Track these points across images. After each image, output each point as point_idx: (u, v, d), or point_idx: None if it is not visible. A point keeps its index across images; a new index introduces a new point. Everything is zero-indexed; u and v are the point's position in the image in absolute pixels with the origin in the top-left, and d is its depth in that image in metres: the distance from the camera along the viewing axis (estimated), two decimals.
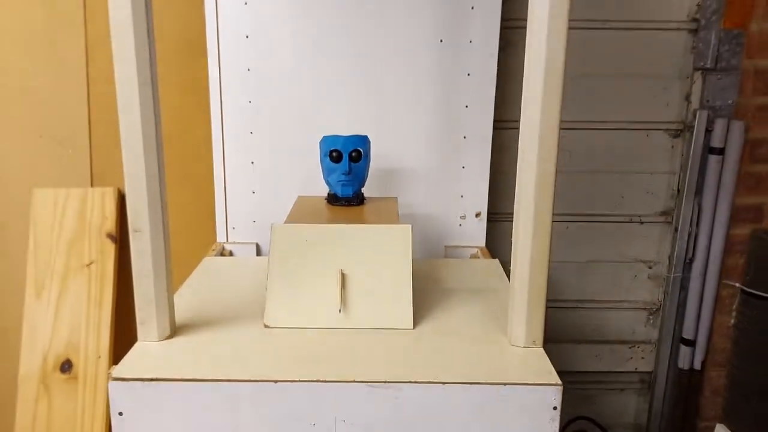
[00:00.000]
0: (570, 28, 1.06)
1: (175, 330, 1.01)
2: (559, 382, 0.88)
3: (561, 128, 0.91)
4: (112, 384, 0.88)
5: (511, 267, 0.97)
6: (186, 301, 1.12)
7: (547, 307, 1.69)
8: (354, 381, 0.88)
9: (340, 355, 0.95)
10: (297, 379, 0.88)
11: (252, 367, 0.91)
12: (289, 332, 1.01)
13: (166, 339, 0.98)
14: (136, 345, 0.97)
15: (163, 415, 0.88)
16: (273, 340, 0.99)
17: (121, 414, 0.88)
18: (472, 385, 0.88)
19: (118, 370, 0.89)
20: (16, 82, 1.50)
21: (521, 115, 0.91)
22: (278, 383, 0.88)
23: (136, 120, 0.92)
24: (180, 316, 1.05)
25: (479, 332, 1.03)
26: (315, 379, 0.87)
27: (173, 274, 0.99)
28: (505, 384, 0.88)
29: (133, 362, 0.92)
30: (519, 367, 0.92)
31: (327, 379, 0.88)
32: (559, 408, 0.89)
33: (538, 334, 0.97)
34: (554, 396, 0.88)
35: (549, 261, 0.95)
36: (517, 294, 0.96)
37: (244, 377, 0.88)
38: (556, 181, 0.92)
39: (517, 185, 0.93)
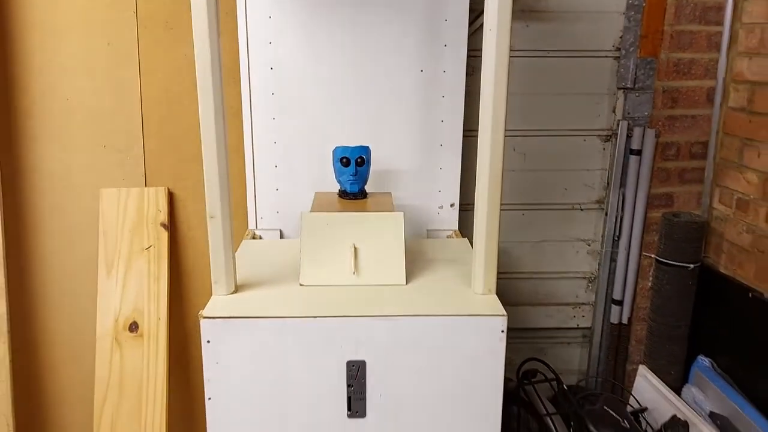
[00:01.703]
0: (523, 56, 1.40)
1: (237, 288, 1.41)
2: (505, 313, 1.30)
3: (517, 135, 1.29)
4: (203, 321, 1.28)
5: (473, 239, 1.39)
6: (240, 269, 1.52)
7: (508, 278, 2.15)
8: (367, 315, 1.29)
9: (356, 300, 1.36)
10: (328, 315, 1.29)
11: (296, 308, 1.32)
12: (318, 288, 1.42)
13: (231, 294, 1.38)
14: (213, 298, 1.36)
15: (235, 340, 1.28)
16: (307, 293, 1.40)
17: (209, 341, 1.29)
18: (447, 317, 1.30)
19: (206, 312, 1.29)
20: (84, 103, 1.83)
21: (479, 126, 1.31)
22: (316, 318, 1.29)
23: (212, 139, 1.30)
24: (238, 279, 1.45)
25: (452, 285, 1.44)
26: (341, 315, 1.29)
27: None
28: (469, 315, 1.30)
29: (213, 308, 1.32)
30: (478, 305, 1.34)
31: (349, 315, 1.29)
32: (505, 332, 1.30)
33: (492, 286, 1.39)
34: (502, 323, 1.30)
35: (499, 235, 1.37)
36: (477, 258, 1.38)
37: (291, 314, 1.30)
38: (503, 175, 1.33)
39: (477, 180, 1.34)
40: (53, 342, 1.90)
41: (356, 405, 1.32)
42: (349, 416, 1.32)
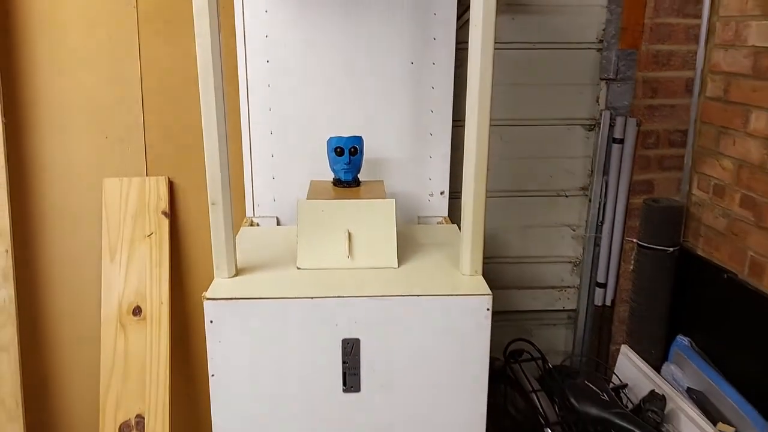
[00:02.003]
0: (509, 49, 1.45)
1: (237, 271, 1.49)
2: (490, 293, 1.38)
3: (504, 125, 1.35)
4: (206, 302, 1.36)
5: (461, 224, 1.47)
6: (239, 254, 1.59)
7: (496, 262, 2.24)
8: (361, 296, 1.37)
9: (350, 282, 1.44)
10: (324, 296, 1.37)
11: (293, 290, 1.40)
12: (314, 271, 1.50)
13: (232, 277, 1.46)
14: (214, 281, 1.44)
15: (237, 320, 1.36)
16: (304, 275, 1.48)
17: (211, 321, 1.37)
18: (436, 297, 1.38)
19: (209, 294, 1.37)
20: (86, 95, 1.89)
21: (466, 116, 1.39)
22: (313, 299, 1.37)
23: (213, 128, 1.37)
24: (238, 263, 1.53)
25: (441, 268, 1.53)
26: (336, 295, 1.37)
27: None
28: (457, 295, 1.39)
29: (215, 290, 1.40)
30: (466, 285, 1.43)
31: (344, 295, 1.37)
32: (491, 310, 1.39)
33: (479, 267, 1.47)
34: (487, 302, 1.38)
35: (486, 221, 1.45)
36: (464, 242, 1.47)
37: (289, 296, 1.38)
38: (491, 163, 1.41)
39: (464, 167, 1.42)
40: (59, 325, 1.98)
41: (351, 380, 1.40)
42: (344, 391, 1.41)
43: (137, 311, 1.88)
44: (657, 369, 2.10)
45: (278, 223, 1.93)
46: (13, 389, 1.85)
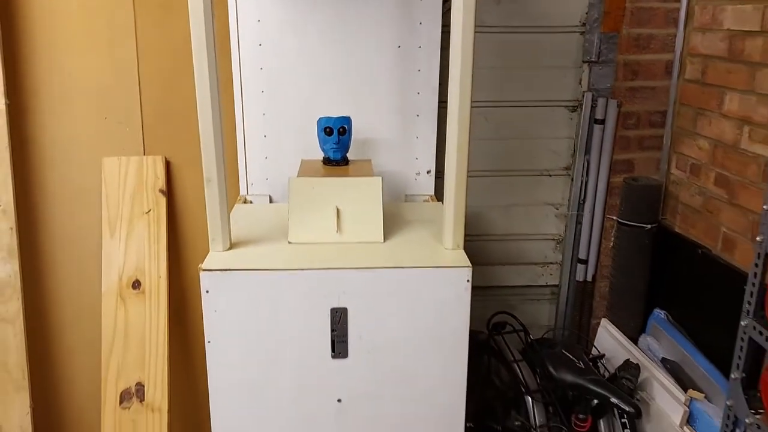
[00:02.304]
0: (495, 32, 1.50)
1: (232, 245, 1.57)
2: (470, 265, 1.47)
3: (489, 106, 1.40)
4: (202, 273, 1.44)
5: (444, 201, 1.55)
6: (233, 229, 1.67)
7: (482, 240, 2.32)
8: (348, 268, 1.46)
9: (339, 255, 1.52)
10: (314, 267, 1.45)
11: (285, 262, 1.48)
12: (304, 245, 1.58)
13: (227, 250, 1.54)
14: (210, 253, 1.52)
15: (231, 290, 1.45)
16: (295, 249, 1.56)
17: (207, 291, 1.45)
18: (420, 268, 1.47)
19: (205, 265, 1.45)
20: (86, 78, 1.95)
21: (448, 97, 1.46)
22: (303, 270, 1.45)
23: (208, 109, 1.44)
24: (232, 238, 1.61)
25: (425, 242, 1.61)
26: (325, 267, 1.45)
27: None
28: (439, 267, 1.47)
29: (211, 262, 1.48)
30: (448, 258, 1.51)
31: (332, 267, 1.46)
32: (470, 281, 1.47)
33: (460, 242, 1.55)
34: (467, 273, 1.47)
35: (467, 197, 1.53)
36: (446, 217, 1.55)
37: (281, 267, 1.46)
38: (476, 144, 1.48)
39: (447, 146, 1.50)
40: (62, 299, 2.06)
41: (339, 347, 1.49)
42: (333, 357, 1.50)
43: (136, 285, 1.97)
44: (635, 341, 2.19)
45: (271, 201, 2.00)
46: (18, 360, 1.93)
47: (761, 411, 1.30)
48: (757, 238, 1.27)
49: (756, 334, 1.29)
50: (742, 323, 1.33)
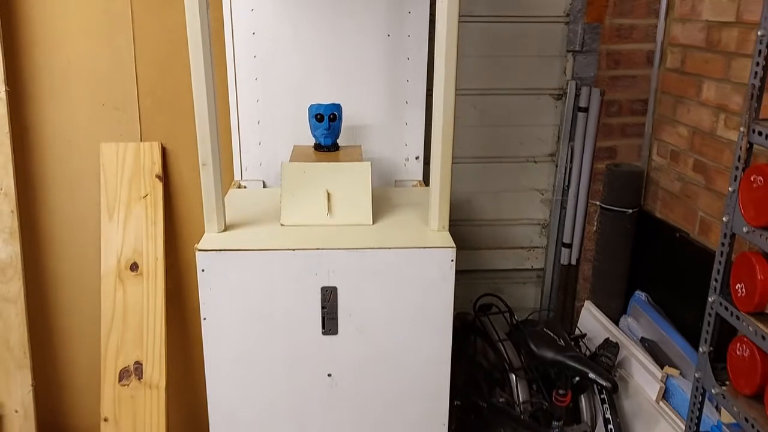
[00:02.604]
0: (482, 21, 1.53)
1: (226, 227, 1.63)
2: (454, 246, 1.54)
3: (476, 94, 1.44)
4: (198, 253, 1.50)
5: (430, 185, 1.62)
6: (228, 212, 1.74)
7: (469, 225, 2.39)
8: (338, 248, 1.53)
9: (329, 237, 1.59)
10: (305, 248, 1.52)
11: (277, 243, 1.55)
12: (296, 228, 1.65)
13: (221, 231, 1.61)
14: (205, 234, 1.59)
15: (226, 269, 1.51)
16: (287, 231, 1.63)
17: (203, 270, 1.52)
18: (406, 249, 1.53)
19: (201, 245, 1.52)
20: (84, 65, 1.99)
21: (434, 84, 1.52)
22: (295, 251, 1.52)
23: (203, 95, 1.50)
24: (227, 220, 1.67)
25: (412, 224, 1.68)
26: (316, 248, 1.52)
27: None
28: (425, 247, 1.54)
29: (206, 242, 1.54)
30: (433, 239, 1.58)
31: (323, 248, 1.52)
32: (454, 261, 1.54)
33: (445, 223, 1.62)
34: (451, 253, 1.53)
35: (454, 183, 1.60)
36: (432, 201, 1.61)
37: (274, 248, 1.53)
38: (464, 131, 1.54)
39: (432, 132, 1.56)
40: (62, 280, 2.12)
41: (329, 324, 1.56)
42: (323, 333, 1.57)
43: (134, 267, 2.03)
44: (616, 322, 2.28)
45: (264, 186, 2.07)
46: (20, 339, 2.00)
47: (727, 383, 1.38)
48: (723, 218, 1.34)
49: (722, 310, 1.37)
50: (710, 300, 1.41)
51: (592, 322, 2.29)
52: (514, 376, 2.01)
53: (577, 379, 1.88)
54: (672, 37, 2.15)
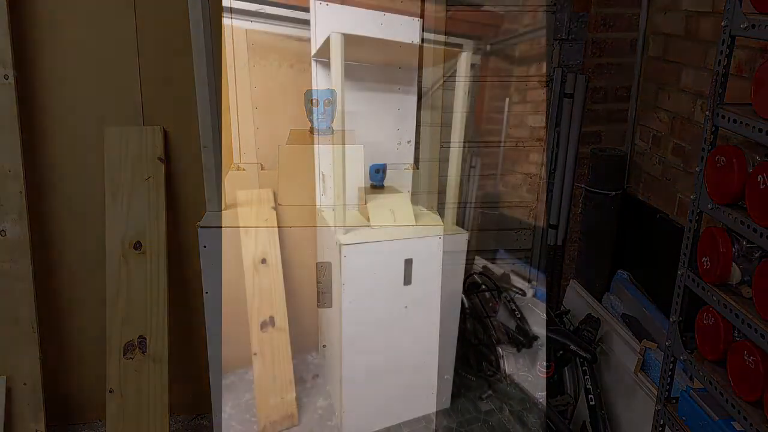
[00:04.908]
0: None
1: (226, 206, 1.72)
2: (442, 224, 1.63)
3: (469, 81, 1.53)
4: (200, 230, 1.60)
5: (419, 168, 1.71)
6: (228, 193, 1.82)
7: (461, 207, 2.44)
8: (332, 226, 1.62)
9: (324, 215, 1.68)
10: (301, 225, 1.61)
11: (274, 221, 1.64)
12: (292, 207, 1.74)
13: (222, 210, 1.70)
14: (206, 213, 1.68)
15: (226, 246, 1.61)
16: (284, 211, 1.72)
17: (205, 246, 1.61)
18: (398, 227, 1.63)
19: (202, 223, 1.61)
20: (89, 52, 2.07)
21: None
22: (291, 228, 1.61)
23: (204, 80, 1.59)
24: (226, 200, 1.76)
25: (403, 204, 1.77)
26: (311, 225, 1.61)
27: None
28: (414, 226, 1.63)
29: (207, 220, 1.64)
30: (422, 218, 1.68)
31: (317, 225, 1.62)
32: (442, 239, 1.64)
33: (434, 204, 1.72)
34: (439, 232, 1.63)
35: (439, 165, 1.69)
36: (422, 183, 1.71)
37: (271, 224, 1.62)
38: (450, 115, 1.63)
39: (421, 117, 1.65)
40: (69, 258, 2.21)
41: (324, 298, 1.66)
42: (318, 306, 1.66)
43: (138, 246, 2.12)
44: (599, 299, 2.37)
45: (262, 169, 2.15)
46: (29, 314, 2.09)
47: (695, 350, 1.48)
48: (691, 197, 1.43)
49: (690, 282, 1.46)
50: (679, 272, 1.50)
51: (577, 299, 2.39)
52: (500, 349, 2.11)
53: (561, 352, 1.99)
54: (654, 26, 2.23)
